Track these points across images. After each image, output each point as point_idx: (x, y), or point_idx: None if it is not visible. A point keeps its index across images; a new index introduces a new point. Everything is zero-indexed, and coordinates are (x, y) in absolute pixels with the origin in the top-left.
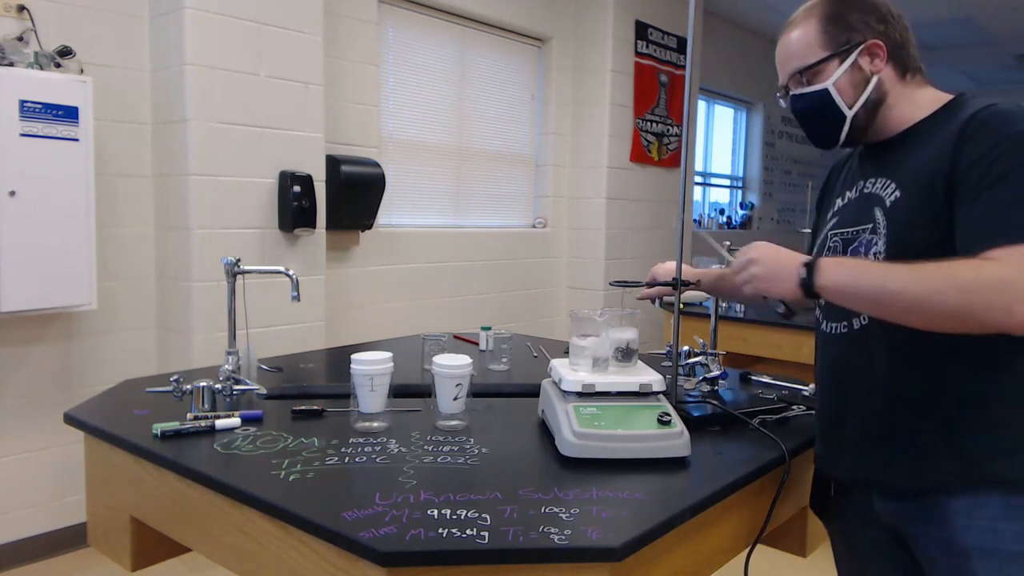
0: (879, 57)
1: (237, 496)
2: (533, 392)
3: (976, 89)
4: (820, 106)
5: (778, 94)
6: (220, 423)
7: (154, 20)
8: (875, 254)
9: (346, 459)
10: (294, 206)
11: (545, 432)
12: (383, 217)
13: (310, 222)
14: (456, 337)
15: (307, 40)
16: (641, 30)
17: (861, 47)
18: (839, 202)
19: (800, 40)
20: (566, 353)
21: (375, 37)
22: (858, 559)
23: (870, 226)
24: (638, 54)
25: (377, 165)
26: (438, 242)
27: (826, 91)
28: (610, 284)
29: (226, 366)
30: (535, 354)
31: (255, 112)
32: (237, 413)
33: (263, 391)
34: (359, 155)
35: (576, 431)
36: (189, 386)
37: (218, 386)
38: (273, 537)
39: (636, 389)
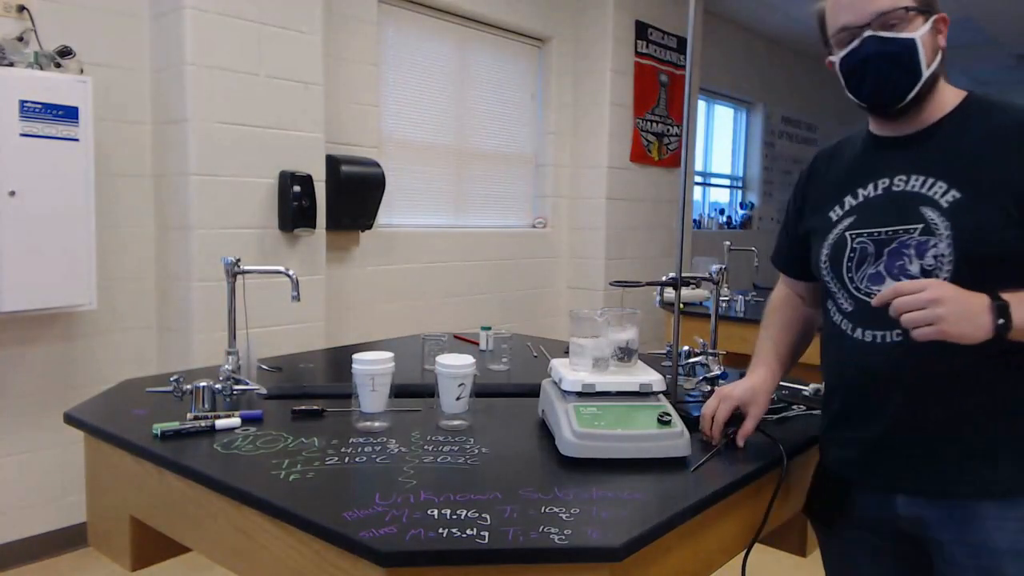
0: (942, 34)
1: (237, 496)
2: (533, 392)
3: (976, 88)
4: (900, 55)
5: (836, 37)
6: (220, 423)
7: (154, 20)
8: (936, 257)
9: (346, 459)
10: (294, 206)
11: (545, 432)
12: (383, 217)
13: (310, 222)
14: (456, 337)
15: (307, 40)
16: (641, 30)
17: (936, 16)
18: (850, 200)
19: None
20: (566, 353)
21: (375, 37)
22: (855, 567)
23: (919, 227)
24: (638, 54)
25: (377, 165)
26: (438, 242)
27: (913, 42)
28: (610, 284)
29: (226, 366)
30: (535, 354)
31: (255, 112)
32: (237, 413)
33: (263, 391)
34: (359, 155)
35: (576, 431)
36: (189, 386)
37: (218, 386)
38: (273, 537)
39: (636, 389)
